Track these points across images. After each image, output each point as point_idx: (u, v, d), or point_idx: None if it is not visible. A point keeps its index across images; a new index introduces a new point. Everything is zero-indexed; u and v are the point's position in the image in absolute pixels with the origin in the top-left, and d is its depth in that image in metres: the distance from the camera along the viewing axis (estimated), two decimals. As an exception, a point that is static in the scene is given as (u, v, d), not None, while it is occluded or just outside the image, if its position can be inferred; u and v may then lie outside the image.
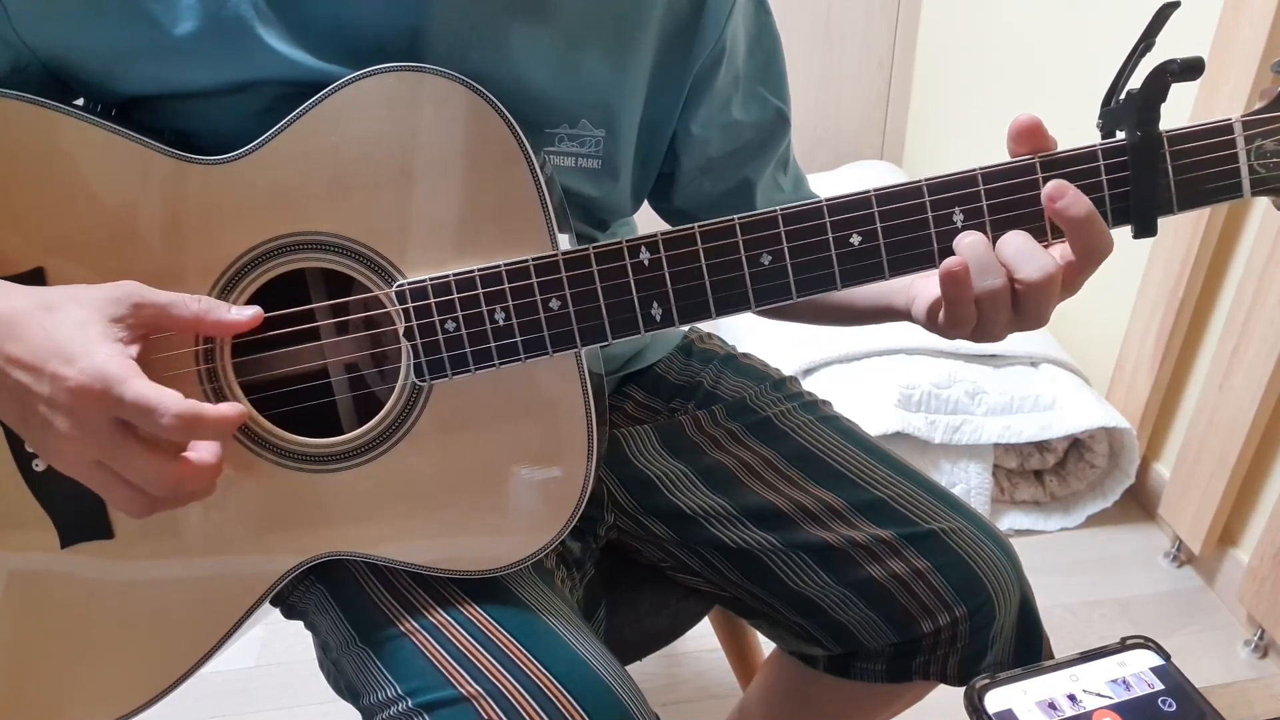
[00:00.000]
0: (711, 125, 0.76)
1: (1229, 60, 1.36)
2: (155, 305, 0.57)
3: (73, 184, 0.60)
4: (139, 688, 0.67)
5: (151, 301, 0.56)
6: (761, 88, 0.78)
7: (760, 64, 0.78)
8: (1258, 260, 1.36)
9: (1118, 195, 0.57)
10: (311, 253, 0.61)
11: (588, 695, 0.61)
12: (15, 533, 0.65)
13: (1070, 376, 1.72)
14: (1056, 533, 1.71)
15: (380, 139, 0.60)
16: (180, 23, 0.60)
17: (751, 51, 0.77)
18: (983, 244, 0.57)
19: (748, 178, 0.80)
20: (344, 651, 0.68)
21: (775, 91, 0.79)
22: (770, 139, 0.80)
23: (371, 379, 0.70)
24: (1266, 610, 1.41)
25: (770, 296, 0.59)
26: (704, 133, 0.76)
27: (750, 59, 0.77)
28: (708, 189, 0.80)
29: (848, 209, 0.58)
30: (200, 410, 0.53)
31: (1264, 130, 0.56)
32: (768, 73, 0.79)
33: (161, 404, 0.52)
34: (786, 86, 0.80)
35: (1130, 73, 0.57)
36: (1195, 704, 0.50)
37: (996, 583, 0.76)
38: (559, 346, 0.61)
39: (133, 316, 0.56)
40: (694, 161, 0.78)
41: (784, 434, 0.84)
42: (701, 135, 0.76)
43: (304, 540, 0.65)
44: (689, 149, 0.77)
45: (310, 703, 1.39)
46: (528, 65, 0.66)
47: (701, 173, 0.79)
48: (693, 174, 0.79)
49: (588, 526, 0.83)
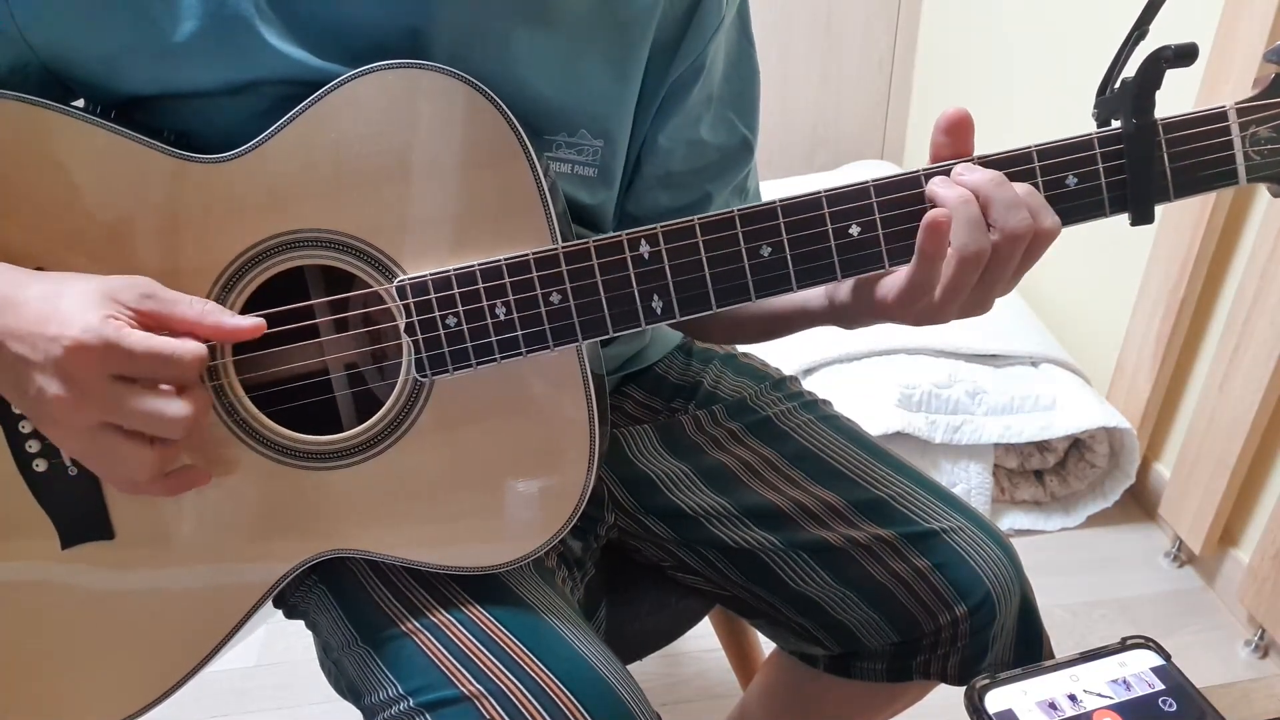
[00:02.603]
0: (678, 139, 0.76)
1: (1230, 56, 1.36)
2: (161, 299, 0.57)
3: (73, 184, 0.60)
4: (142, 688, 0.67)
5: (158, 294, 0.57)
6: (731, 112, 0.78)
7: (735, 90, 0.78)
8: (1258, 260, 1.35)
9: (1114, 183, 0.58)
10: (312, 250, 0.61)
11: (589, 694, 0.61)
12: (15, 534, 0.65)
13: (1070, 376, 1.72)
14: (1057, 533, 1.71)
15: (381, 136, 0.59)
16: (181, 22, 0.60)
17: (728, 76, 0.77)
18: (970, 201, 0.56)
19: (704, 197, 0.80)
20: (345, 651, 0.68)
21: (745, 119, 0.79)
22: (731, 165, 0.80)
23: (372, 376, 0.70)
24: (1267, 610, 1.41)
25: (770, 287, 0.60)
26: (669, 145, 0.76)
27: (726, 83, 0.77)
28: (664, 201, 0.79)
29: (847, 200, 0.58)
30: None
31: (1258, 117, 0.56)
32: (740, 99, 0.78)
33: (176, 348, 0.55)
34: (757, 117, 0.80)
35: (1125, 61, 0.58)
36: (1196, 704, 0.50)
37: (997, 582, 0.76)
38: (560, 340, 0.61)
39: (137, 304, 0.56)
40: (654, 171, 0.77)
41: (784, 433, 0.84)
42: (666, 147, 0.76)
43: (306, 538, 0.65)
44: (652, 158, 0.77)
45: (310, 702, 1.39)
46: (530, 71, 0.65)
47: (660, 183, 0.78)
48: (651, 183, 0.78)
49: (588, 526, 0.83)
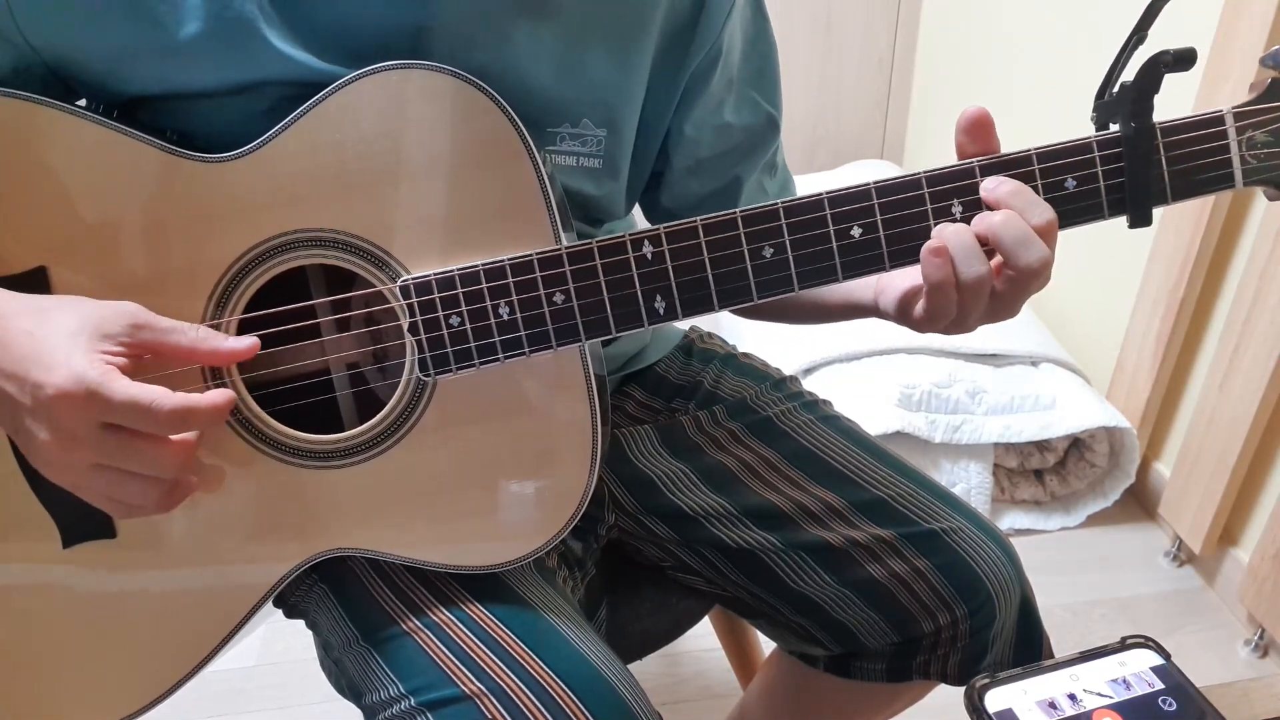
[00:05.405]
0: (704, 126, 0.77)
1: (1229, 60, 1.36)
2: (154, 328, 0.56)
3: (75, 183, 0.60)
4: (143, 688, 0.67)
5: (150, 324, 0.56)
6: (754, 92, 0.79)
7: (755, 68, 0.78)
8: (1258, 260, 1.36)
9: (1113, 186, 0.58)
10: (314, 249, 0.61)
11: (590, 693, 0.61)
12: (17, 533, 0.65)
13: (1070, 376, 1.73)
14: (1056, 532, 1.71)
15: (383, 135, 0.60)
16: (185, 24, 0.60)
17: (747, 55, 0.77)
18: (966, 231, 0.57)
19: (734, 180, 0.81)
20: (346, 650, 0.68)
21: (768, 97, 0.80)
22: (760, 143, 0.81)
23: (375, 376, 0.70)
24: (1267, 610, 1.41)
25: (772, 288, 0.60)
26: (696, 133, 0.77)
27: (745, 63, 0.77)
28: (695, 189, 0.80)
29: (848, 201, 0.58)
30: (192, 401, 0.53)
31: (1255, 121, 0.57)
32: (761, 77, 0.79)
33: (154, 400, 0.52)
34: (779, 92, 0.81)
35: (1124, 65, 0.58)
36: (1195, 703, 0.50)
37: (997, 582, 0.76)
38: (563, 340, 0.61)
39: (127, 335, 0.55)
40: (684, 161, 0.78)
41: (784, 434, 0.84)
42: (693, 135, 0.77)
43: (308, 536, 0.65)
44: (680, 149, 0.77)
45: (310, 702, 1.39)
46: (531, 64, 0.66)
47: (690, 173, 0.79)
48: (681, 173, 0.79)
49: (589, 526, 0.83)
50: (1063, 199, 0.58)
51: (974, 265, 0.57)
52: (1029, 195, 0.57)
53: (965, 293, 0.57)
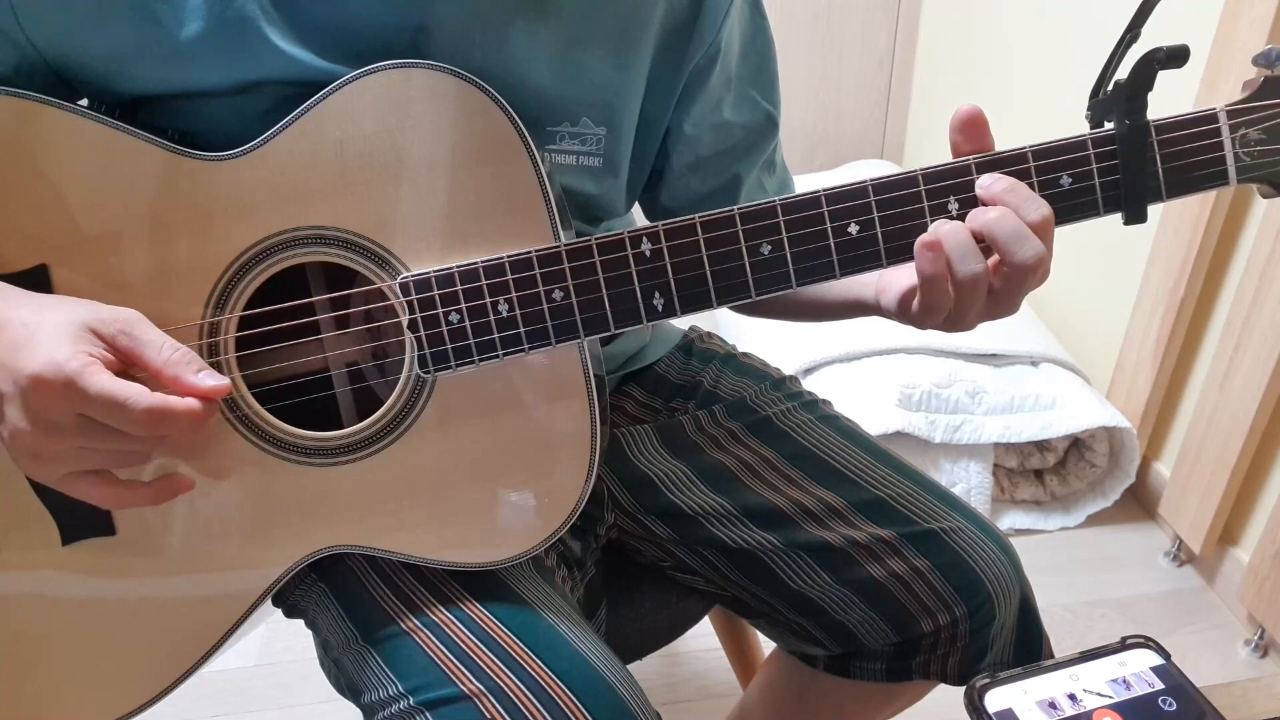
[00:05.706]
0: (703, 124, 0.77)
1: (1229, 60, 1.36)
2: (134, 339, 0.56)
3: (77, 181, 0.60)
4: (141, 686, 0.67)
5: (134, 334, 0.56)
6: (753, 90, 0.79)
7: (753, 66, 0.78)
8: (1258, 260, 1.36)
9: (1108, 183, 0.58)
10: (315, 247, 0.61)
11: (589, 693, 0.61)
12: (16, 530, 0.65)
13: (1070, 376, 1.73)
14: (1056, 532, 1.71)
15: (383, 134, 0.60)
16: (186, 23, 0.60)
17: (745, 53, 0.78)
18: (962, 228, 0.57)
19: (734, 178, 0.81)
20: (345, 649, 0.68)
21: (766, 95, 0.80)
22: (759, 141, 0.81)
23: (373, 373, 0.70)
24: (1267, 609, 1.41)
25: (770, 285, 0.60)
26: (695, 131, 0.77)
27: (744, 61, 0.78)
28: (694, 187, 0.80)
29: (845, 199, 0.59)
30: (169, 404, 0.53)
31: (1248, 119, 0.57)
32: (759, 75, 0.79)
33: (130, 398, 0.52)
34: (778, 90, 0.81)
35: (1118, 63, 0.58)
36: (1195, 703, 0.50)
37: (996, 582, 0.76)
38: (562, 337, 0.61)
39: (114, 340, 0.55)
40: (683, 159, 0.79)
41: (784, 433, 0.84)
42: (693, 134, 0.77)
43: (307, 534, 0.65)
44: (680, 147, 0.78)
45: (310, 702, 1.39)
46: (530, 63, 0.66)
47: (690, 171, 0.79)
48: (681, 172, 0.79)
49: (588, 526, 0.83)
50: (1058, 196, 0.58)
51: (970, 263, 0.57)
52: (1024, 191, 0.57)
53: (962, 290, 0.58)
